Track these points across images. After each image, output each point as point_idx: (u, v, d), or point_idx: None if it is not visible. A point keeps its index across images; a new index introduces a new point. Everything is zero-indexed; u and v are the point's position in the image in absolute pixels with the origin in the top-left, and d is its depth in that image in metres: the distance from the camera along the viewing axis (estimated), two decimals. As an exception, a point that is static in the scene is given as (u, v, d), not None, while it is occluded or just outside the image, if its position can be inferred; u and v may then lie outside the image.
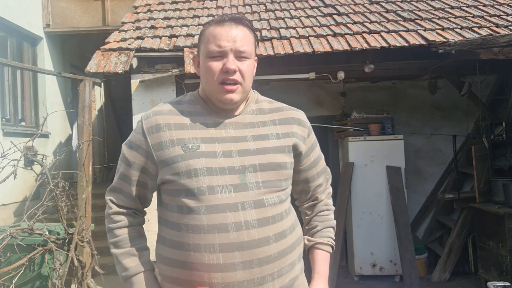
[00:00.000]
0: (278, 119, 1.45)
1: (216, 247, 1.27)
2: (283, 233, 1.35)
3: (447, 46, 4.17)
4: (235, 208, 1.29)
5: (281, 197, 1.37)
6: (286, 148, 1.41)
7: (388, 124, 5.27)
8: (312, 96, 6.11)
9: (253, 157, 1.35)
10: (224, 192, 1.30)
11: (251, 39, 1.41)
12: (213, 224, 1.28)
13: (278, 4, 5.95)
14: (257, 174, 1.33)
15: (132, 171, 1.40)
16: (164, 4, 6.07)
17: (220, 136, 1.37)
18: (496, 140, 4.93)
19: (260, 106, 1.47)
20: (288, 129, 1.44)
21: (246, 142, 1.37)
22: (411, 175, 5.86)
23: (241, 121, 1.41)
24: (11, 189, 5.55)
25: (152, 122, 1.39)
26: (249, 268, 1.28)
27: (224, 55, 1.34)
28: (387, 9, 5.45)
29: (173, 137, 1.35)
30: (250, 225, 1.29)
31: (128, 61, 4.30)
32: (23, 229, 3.66)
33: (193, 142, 1.34)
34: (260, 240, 1.29)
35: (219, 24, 1.37)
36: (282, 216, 1.36)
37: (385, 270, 5.20)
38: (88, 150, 4.26)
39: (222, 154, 1.33)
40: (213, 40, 1.35)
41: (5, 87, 6.23)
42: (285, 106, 1.52)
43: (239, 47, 1.35)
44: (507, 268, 4.16)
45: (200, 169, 1.31)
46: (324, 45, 4.41)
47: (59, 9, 7.28)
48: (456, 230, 5.17)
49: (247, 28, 1.40)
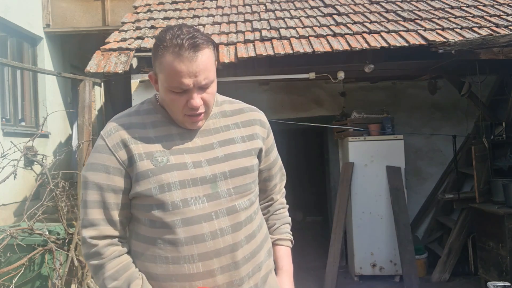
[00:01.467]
0: (241, 121, 1.46)
1: (195, 257, 1.29)
2: (253, 234, 1.39)
3: (447, 46, 4.17)
4: (209, 218, 1.30)
5: (251, 199, 1.41)
6: (253, 151, 1.43)
7: (388, 124, 5.27)
8: (312, 96, 6.11)
9: (222, 164, 1.35)
10: (198, 203, 1.30)
11: (212, 60, 1.31)
12: (190, 236, 1.28)
13: (278, 4, 5.95)
14: (228, 181, 1.34)
15: (107, 195, 1.30)
16: (164, 4, 6.07)
17: (187, 146, 1.35)
18: (496, 140, 4.93)
19: (222, 109, 1.46)
20: (252, 131, 1.45)
21: (214, 149, 1.37)
22: (411, 175, 5.86)
23: (205, 128, 1.39)
24: (11, 189, 5.55)
25: (116, 139, 1.32)
26: (227, 271, 1.31)
27: (187, 91, 1.28)
28: (387, 9, 5.45)
29: (140, 150, 1.31)
30: (225, 232, 1.31)
31: (128, 61, 4.29)
32: (23, 229, 3.66)
33: (162, 155, 1.31)
34: (234, 244, 1.32)
35: (178, 56, 1.24)
36: (252, 218, 1.40)
37: (385, 270, 5.20)
38: (88, 150, 4.26)
39: (192, 165, 1.32)
40: (174, 77, 1.25)
41: (5, 87, 6.23)
42: (245, 107, 1.51)
43: (201, 80, 1.27)
44: (507, 268, 4.16)
45: (173, 183, 1.29)
46: (324, 45, 4.41)
47: (59, 9, 7.28)
48: (456, 230, 5.17)
49: (206, 48, 1.28)
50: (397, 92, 6.16)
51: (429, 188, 6.04)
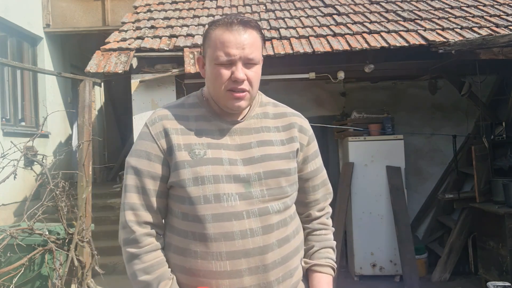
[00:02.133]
0: (282, 125, 1.44)
1: (223, 255, 1.28)
2: (287, 238, 1.35)
3: (447, 46, 4.17)
4: (240, 216, 1.29)
5: (286, 203, 1.37)
6: (291, 154, 1.39)
7: (388, 124, 5.27)
8: (312, 96, 6.10)
9: (258, 165, 1.34)
10: (229, 201, 1.29)
11: (259, 43, 1.36)
12: (220, 232, 1.28)
13: (278, 4, 5.95)
14: (262, 182, 1.33)
15: (148, 181, 1.33)
16: (164, 4, 6.07)
17: (226, 143, 1.36)
18: (496, 140, 4.93)
19: (265, 110, 1.45)
20: (291, 134, 1.43)
21: (251, 149, 1.36)
22: (411, 175, 5.85)
23: (246, 127, 1.39)
24: (11, 189, 5.55)
25: (159, 128, 1.36)
26: (255, 274, 1.29)
27: (233, 63, 1.31)
28: (387, 9, 5.45)
29: (180, 141, 1.33)
30: (255, 233, 1.29)
31: (128, 61, 4.29)
32: (23, 229, 3.66)
33: (200, 148, 1.33)
34: (264, 247, 1.30)
35: (227, 28, 1.31)
36: (286, 222, 1.36)
37: (385, 270, 5.20)
38: (88, 150, 4.26)
39: (228, 161, 1.33)
40: (221, 47, 1.30)
41: (5, 87, 6.24)
42: (289, 111, 1.49)
43: (248, 54, 1.31)
44: (507, 268, 4.16)
45: (207, 177, 1.30)
46: (324, 45, 4.41)
47: (59, 9, 7.28)
48: (456, 230, 5.17)
49: (255, 31, 1.35)
50: (397, 92, 6.16)
51: (429, 188, 6.04)
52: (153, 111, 4.70)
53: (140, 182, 1.33)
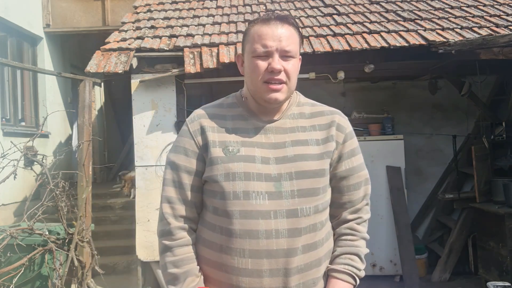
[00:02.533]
0: (319, 124, 1.43)
1: (246, 252, 1.29)
2: (314, 245, 1.33)
3: (447, 46, 4.17)
4: (267, 216, 1.29)
5: (317, 207, 1.34)
6: (325, 154, 1.38)
7: (388, 124, 5.27)
8: (312, 96, 6.03)
9: (290, 165, 1.34)
10: (258, 199, 1.30)
11: (297, 38, 1.38)
12: (245, 229, 1.29)
13: (278, 4, 5.95)
14: (293, 182, 1.32)
15: (185, 176, 1.38)
16: (164, 4, 6.07)
17: (260, 141, 1.37)
18: (496, 140, 4.93)
19: (302, 110, 1.45)
20: (328, 133, 1.41)
21: (285, 148, 1.36)
22: (411, 175, 5.85)
23: (282, 126, 1.40)
24: (11, 189, 5.55)
25: (197, 125, 1.41)
26: (276, 276, 1.29)
27: (270, 55, 1.33)
28: (387, 9, 5.45)
29: (215, 139, 1.37)
30: (280, 234, 1.29)
31: (128, 61, 4.29)
32: (23, 229, 3.66)
33: (234, 146, 1.36)
34: (288, 250, 1.29)
35: (265, 23, 1.35)
36: (316, 227, 1.34)
37: (385, 270, 5.20)
38: (88, 150, 4.26)
39: (260, 159, 1.34)
40: (259, 40, 1.34)
41: (5, 87, 6.24)
42: (326, 110, 1.48)
43: (285, 46, 1.33)
44: (507, 268, 4.16)
45: (238, 173, 1.32)
46: (324, 45, 4.41)
47: (59, 9, 7.28)
48: (456, 230, 5.17)
49: (292, 26, 1.38)
50: (397, 92, 6.16)
51: (429, 188, 6.04)
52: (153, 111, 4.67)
53: (177, 177, 1.39)
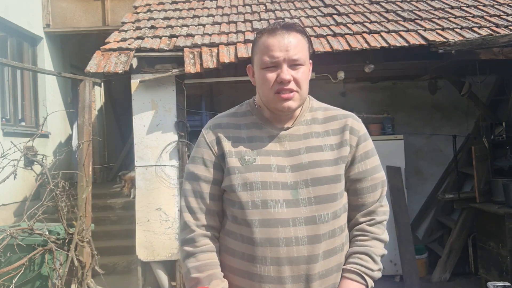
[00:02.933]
0: (332, 129, 1.44)
1: (267, 259, 1.31)
2: (334, 251, 1.35)
3: (447, 46, 4.17)
4: (286, 223, 1.31)
5: (335, 213, 1.36)
6: (340, 160, 1.39)
7: (388, 124, 5.27)
8: (312, 96, 6.09)
9: (305, 172, 1.35)
10: (276, 207, 1.32)
11: (304, 44, 1.40)
12: (265, 238, 1.31)
13: (278, 4, 5.94)
14: (309, 190, 1.34)
15: (205, 185, 1.40)
16: (164, 4, 6.07)
17: (275, 149, 1.39)
18: (496, 140, 4.93)
19: (315, 116, 1.47)
20: (341, 138, 1.42)
21: (300, 155, 1.38)
22: (411, 175, 5.85)
23: (295, 133, 1.42)
24: (11, 189, 5.55)
25: (213, 135, 1.44)
26: (297, 282, 1.31)
27: (278, 66, 1.35)
28: (387, 9, 5.45)
29: (231, 149, 1.40)
30: (300, 242, 1.30)
31: (128, 61, 4.29)
32: (23, 229, 3.66)
33: (250, 155, 1.38)
34: (309, 257, 1.31)
35: (271, 34, 1.37)
36: (335, 233, 1.35)
37: (385, 270, 5.18)
38: (88, 150, 4.26)
39: (276, 168, 1.36)
40: (266, 51, 1.36)
41: (5, 87, 6.23)
42: (340, 114, 1.49)
43: (292, 55, 1.35)
44: (507, 268, 4.16)
45: (255, 183, 1.34)
46: (324, 45, 4.41)
47: (59, 9, 7.28)
48: (456, 230, 5.17)
49: (299, 33, 1.39)
50: (397, 92, 6.16)
51: (429, 188, 6.04)
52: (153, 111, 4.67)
53: (198, 187, 1.41)
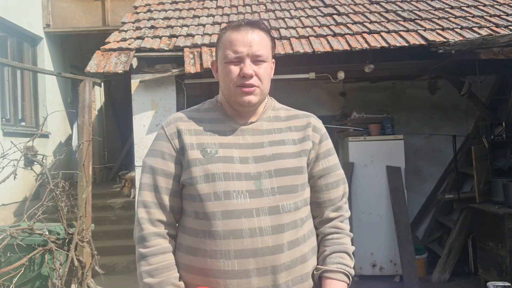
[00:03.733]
0: (295, 126, 1.46)
1: (231, 253, 1.28)
2: (296, 241, 1.34)
3: (447, 46, 4.17)
4: (249, 214, 1.30)
5: (297, 204, 1.37)
6: (302, 153, 1.41)
7: (388, 124, 5.27)
8: (312, 96, 6.11)
9: (269, 163, 1.36)
10: (239, 198, 1.31)
11: (268, 42, 1.42)
12: (229, 230, 1.29)
13: (278, 4, 5.95)
14: (272, 180, 1.34)
15: (162, 179, 1.37)
16: (164, 4, 6.07)
17: (238, 142, 1.39)
18: (496, 140, 4.93)
19: (277, 114, 1.49)
20: (304, 134, 1.45)
21: (263, 148, 1.39)
22: (411, 175, 5.85)
23: (258, 128, 1.43)
24: (11, 189, 5.55)
25: (173, 128, 1.42)
26: (264, 275, 1.29)
27: (241, 60, 1.36)
28: (387, 9, 5.45)
29: (192, 141, 1.38)
30: (264, 232, 1.29)
31: (128, 61, 4.29)
32: (23, 229, 3.66)
33: (212, 147, 1.37)
34: (274, 247, 1.29)
35: (236, 29, 1.39)
36: (297, 224, 1.35)
37: (385, 270, 5.20)
38: (88, 150, 4.26)
39: (239, 160, 1.35)
40: (230, 46, 1.37)
41: (5, 87, 6.24)
42: (301, 113, 1.52)
43: (255, 51, 1.36)
44: (507, 268, 4.16)
45: (217, 174, 1.32)
46: (324, 45, 4.41)
47: (59, 9, 7.28)
48: (456, 230, 5.17)
49: (263, 31, 1.41)
50: (397, 92, 6.16)
51: (429, 188, 6.04)
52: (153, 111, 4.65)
53: (154, 180, 1.38)
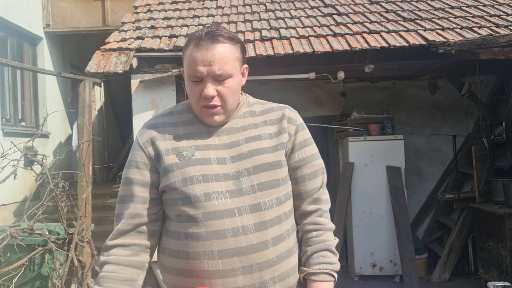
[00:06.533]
0: (270, 119, 1.44)
1: (215, 253, 1.27)
2: (281, 237, 1.33)
3: (447, 46, 4.17)
4: (231, 214, 1.29)
5: (279, 199, 1.35)
6: (279, 146, 1.39)
7: (388, 124, 5.27)
8: (312, 96, 6.11)
9: (246, 161, 1.34)
10: (220, 199, 1.30)
11: (232, 55, 1.34)
12: (211, 231, 1.28)
13: (278, 4, 5.95)
14: (252, 178, 1.33)
15: (138, 189, 1.36)
16: (164, 4, 6.07)
17: (214, 143, 1.37)
18: (496, 140, 4.93)
19: (252, 109, 1.47)
20: (279, 127, 1.42)
21: (239, 146, 1.37)
22: (411, 175, 5.86)
23: (233, 126, 1.41)
24: (11, 189, 5.55)
25: (146, 136, 1.40)
26: (249, 273, 1.28)
27: (202, 80, 1.33)
28: (387, 9, 5.45)
29: (168, 146, 1.36)
30: (248, 230, 1.28)
31: (128, 61, 4.29)
32: (23, 229, 3.66)
33: (188, 150, 1.35)
34: (258, 244, 1.29)
35: (197, 45, 1.33)
36: (281, 219, 1.35)
37: (385, 270, 5.20)
38: (88, 150, 4.26)
39: (216, 161, 1.34)
40: (192, 65, 1.34)
41: (5, 87, 6.23)
42: (276, 106, 1.49)
43: (215, 70, 1.31)
44: (507, 268, 4.16)
45: (195, 177, 1.31)
46: (324, 45, 4.41)
47: (59, 9, 7.28)
48: (456, 230, 5.17)
49: (227, 42, 1.33)
50: (397, 92, 6.16)
51: (429, 188, 6.04)
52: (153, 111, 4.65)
53: (130, 191, 1.36)
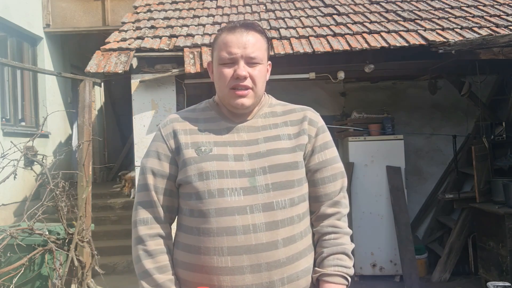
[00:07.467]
0: (290, 120, 1.45)
1: (224, 250, 1.28)
2: (293, 238, 1.33)
3: (447, 46, 4.17)
4: (243, 211, 1.29)
5: (293, 200, 1.35)
6: (298, 147, 1.40)
7: (388, 124, 5.27)
8: (312, 96, 6.10)
9: (263, 159, 1.35)
10: (233, 195, 1.31)
11: (263, 44, 1.42)
12: (222, 227, 1.29)
13: (278, 4, 5.94)
14: (267, 176, 1.33)
15: (157, 179, 1.39)
16: (164, 4, 6.07)
17: (232, 140, 1.39)
18: (496, 140, 4.92)
19: (273, 110, 1.48)
20: (300, 128, 1.43)
21: (258, 144, 1.38)
22: (411, 175, 5.85)
23: (253, 125, 1.43)
24: (11, 189, 5.55)
25: (169, 129, 1.43)
26: (258, 272, 1.28)
27: (235, 62, 1.37)
28: (387, 9, 5.45)
29: (188, 141, 1.39)
30: (258, 229, 1.29)
31: (128, 61, 4.29)
32: (23, 229, 3.66)
33: (206, 146, 1.37)
34: (268, 244, 1.29)
35: (231, 31, 1.39)
36: (293, 220, 1.34)
37: (385, 270, 5.20)
38: (88, 150, 4.26)
39: (233, 157, 1.35)
40: (224, 48, 1.38)
41: (5, 87, 6.24)
42: (298, 107, 1.51)
43: (250, 53, 1.37)
44: (507, 268, 4.16)
45: (211, 172, 1.33)
46: (324, 45, 4.41)
47: (59, 9, 7.28)
48: (456, 230, 5.17)
49: (258, 33, 1.41)
50: (397, 92, 6.16)
51: (429, 188, 6.04)
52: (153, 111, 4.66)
53: (150, 180, 1.39)
